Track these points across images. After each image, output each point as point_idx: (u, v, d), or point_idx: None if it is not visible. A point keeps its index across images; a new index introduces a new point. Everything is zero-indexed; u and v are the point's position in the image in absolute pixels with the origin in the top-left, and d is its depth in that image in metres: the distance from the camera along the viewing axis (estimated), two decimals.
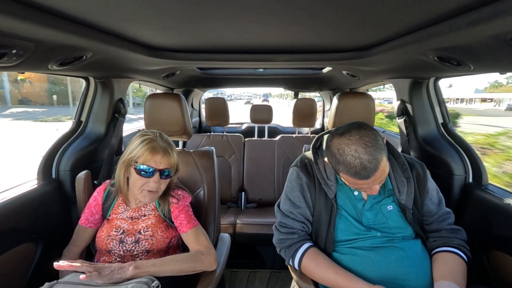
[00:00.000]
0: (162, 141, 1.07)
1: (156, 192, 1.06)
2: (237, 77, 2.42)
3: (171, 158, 1.07)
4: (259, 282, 1.92)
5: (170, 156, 1.06)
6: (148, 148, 1.03)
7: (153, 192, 1.05)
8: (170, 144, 1.09)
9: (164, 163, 1.04)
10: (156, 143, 1.05)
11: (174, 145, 1.12)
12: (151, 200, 1.08)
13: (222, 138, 2.60)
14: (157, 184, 1.04)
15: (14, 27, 0.69)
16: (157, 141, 1.05)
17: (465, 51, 0.86)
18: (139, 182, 1.04)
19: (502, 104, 36.15)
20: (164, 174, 1.05)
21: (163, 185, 1.08)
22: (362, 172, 0.83)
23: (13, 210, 1.09)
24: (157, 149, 1.04)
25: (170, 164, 1.07)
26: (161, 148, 1.04)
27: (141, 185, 1.04)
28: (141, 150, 1.03)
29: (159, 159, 1.03)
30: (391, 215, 1.01)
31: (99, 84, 1.55)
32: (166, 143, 1.08)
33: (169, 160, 1.06)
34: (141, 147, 1.03)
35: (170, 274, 0.96)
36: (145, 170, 1.02)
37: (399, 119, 1.67)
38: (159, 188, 1.06)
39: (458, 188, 1.36)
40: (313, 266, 0.98)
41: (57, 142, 1.43)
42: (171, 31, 0.97)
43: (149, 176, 1.03)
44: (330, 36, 1.01)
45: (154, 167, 1.03)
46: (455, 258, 0.95)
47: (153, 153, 1.03)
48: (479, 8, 0.63)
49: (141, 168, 1.02)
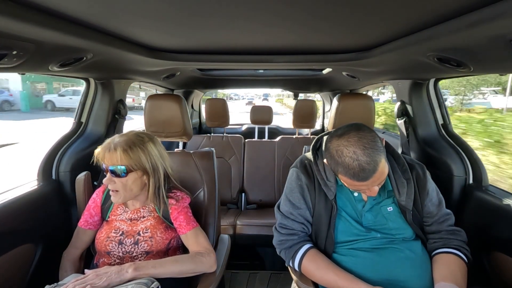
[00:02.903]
0: (119, 138, 1.04)
1: (116, 191, 1.03)
2: (237, 78, 2.43)
3: (114, 156, 1.00)
4: (259, 284, 1.92)
5: (113, 154, 1.00)
6: (103, 146, 1.03)
7: (112, 191, 1.04)
8: (126, 142, 1.02)
9: (109, 160, 1.01)
10: (112, 139, 1.04)
11: (135, 144, 1.03)
12: (115, 200, 1.05)
13: (222, 139, 2.60)
14: (110, 182, 1.01)
15: (14, 28, 0.69)
16: (113, 139, 1.04)
17: (465, 52, 0.86)
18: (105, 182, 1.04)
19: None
20: (112, 172, 1.01)
21: (120, 185, 1.02)
22: (360, 174, 0.83)
23: (13, 211, 1.09)
24: (106, 146, 1.02)
25: (114, 163, 1.00)
26: (110, 146, 1.02)
27: (107, 184, 1.04)
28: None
29: (107, 156, 1.01)
30: (391, 216, 1.00)
31: (100, 85, 1.56)
32: (123, 140, 1.02)
33: (112, 158, 1.00)
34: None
35: (170, 276, 0.96)
36: (104, 168, 1.03)
37: (399, 120, 1.67)
38: (116, 187, 1.02)
39: (458, 189, 1.36)
40: (313, 268, 0.98)
41: (57, 143, 1.43)
42: (172, 32, 0.97)
43: (105, 174, 1.03)
44: (330, 37, 1.01)
45: (105, 164, 1.02)
46: (455, 260, 0.95)
47: (103, 150, 1.02)
48: (479, 10, 0.63)
49: (102, 167, 1.04)
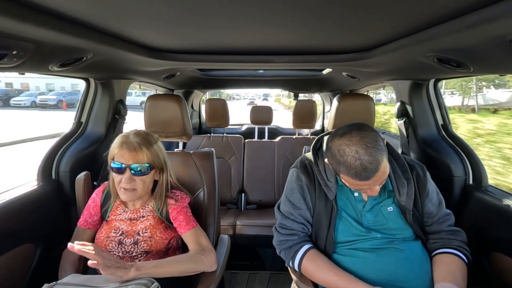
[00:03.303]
0: (135, 137, 1.04)
1: (133, 190, 1.03)
2: (237, 78, 2.43)
3: (140, 154, 1.02)
4: (259, 284, 1.92)
5: (138, 152, 1.02)
6: (118, 144, 1.03)
7: (129, 190, 1.03)
8: (144, 140, 1.05)
9: (132, 158, 1.01)
10: (126, 138, 1.04)
11: (151, 142, 1.07)
12: (129, 198, 1.05)
13: (222, 139, 2.59)
14: (130, 181, 1.02)
15: (14, 28, 0.69)
16: (128, 137, 1.04)
17: (465, 52, 0.86)
18: (116, 180, 1.04)
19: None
20: (136, 170, 1.02)
21: (140, 183, 1.04)
22: (362, 173, 0.83)
23: (13, 211, 1.09)
24: (125, 144, 1.02)
25: (138, 160, 1.02)
26: (130, 144, 1.02)
27: (118, 182, 1.04)
28: (113, 147, 1.04)
29: (127, 155, 1.01)
30: (391, 216, 1.00)
31: (99, 85, 1.56)
32: (140, 138, 1.05)
33: (137, 156, 1.02)
34: (114, 144, 1.04)
35: (171, 275, 0.96)
36: (116, 167, 1.02)
37: (399, 121, 1.67)
38: (135, 185, 1.03)
39: (458, 190, 1.36)
40: (313, 268, 0.98)
41: (57, 143, 1.43)
42: (172, 32, 0.97)
43: (120, 172, 1.02)
44: (330, 37, 1.01)
45: (124, 163, 1.01)
46: (455, 260, 0.95)
47: (120, 148, 1.02)
48: (479, 10, 0.63)
49: (113, 164, 1.03)
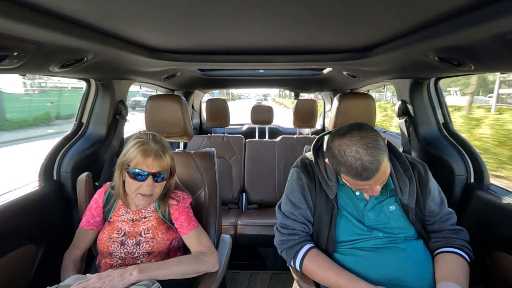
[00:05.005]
0: (155, 144, 1.04)
1: (151, 195, 1.04)
2: (237, 78, 2.43)
3: (163, 160, 1.04)
4: (260, 284, 1.92)
5: (162, 159, 1.03)
6: (139, 151, 1.01)
7: (148, 196, 1.03)
8: (163, 146, 1.06)
9: (156, 166, 1.02)
10: (148, 145, 1.02)
11: (168, 147, 1.09)
12: (147, 203, 1.07)
13: (223, 139, 2.60)
14: (151, 187, 1.02)
15: (15, 29, 0.69)
16: (149, 144, 1.03)
17: (466, 51, 0.86)
18: (133, 186, 1.03)
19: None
20: (158, 177, 1.04)
21: (159, 188, 1.06)
22: (363, 173, 0.83)
23: (15, 212, 1.09)
24: (149, 152, 1.01)
25: (163, 167, 1.04)
26: (152, 151, 1.02)
27: (136, 188, 1.03)
28: (133, 153, 1.01)
29: (151, 162, 1.01)
30: (393, 215, 1.00)
31: (100, 86, 1.56)
32: (160, 145, 1.05)
33: (161, 163, 1.03)
34: (133, 150, 1.02)
35: (174, 277, 0.96)
36: (138, 174, 1.01)
37: (400, 119, 1.67)
38: (153, 191, 1.04)
39: (460, 188, 1.35)
40: (315, 267, 0.98)
41: (58, 144, 1.43)
42: (172, 32, 0.97)
43: (142, 179, 1.01)
44: (331, 36, 1.01)
45: (146, 171, 1.01)
46: (457, 259, 0.95)
47: (144, 156, 1.01)
48: (480, 9, 0.63)
49: (134, 172, 1.01)
